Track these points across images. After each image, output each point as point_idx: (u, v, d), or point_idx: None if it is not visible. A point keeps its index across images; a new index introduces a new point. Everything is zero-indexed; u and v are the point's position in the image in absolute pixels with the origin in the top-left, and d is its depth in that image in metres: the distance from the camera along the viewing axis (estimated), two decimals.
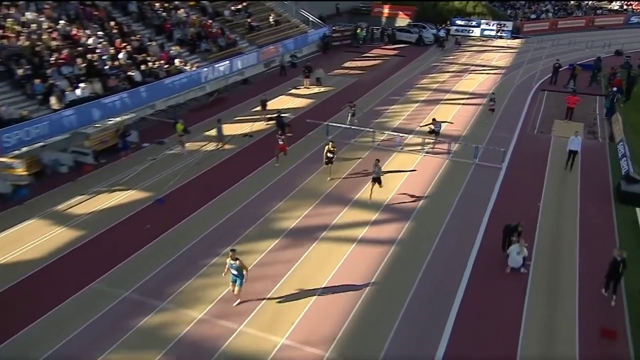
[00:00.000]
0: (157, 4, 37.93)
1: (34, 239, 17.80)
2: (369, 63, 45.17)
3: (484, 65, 45.04)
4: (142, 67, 30.21)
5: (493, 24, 57.80)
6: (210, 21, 39.49)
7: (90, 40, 29.70)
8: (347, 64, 44.04)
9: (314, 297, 14.27)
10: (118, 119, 25.71)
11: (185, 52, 35.01)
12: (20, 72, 25.08)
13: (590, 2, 70.69)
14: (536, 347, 12.90)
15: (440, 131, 25.50)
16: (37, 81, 24.97)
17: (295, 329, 13.00)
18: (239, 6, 44.36)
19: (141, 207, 20.02)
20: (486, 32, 57.61)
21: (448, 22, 57.37)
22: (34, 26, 28.84)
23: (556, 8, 67.59)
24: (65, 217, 19.39)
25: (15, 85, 25.09)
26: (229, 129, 26.98)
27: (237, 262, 13.27)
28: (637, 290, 14.56)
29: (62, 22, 30.30)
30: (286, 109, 30.35)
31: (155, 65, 30.94)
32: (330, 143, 21.60)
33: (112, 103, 26.76)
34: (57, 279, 15.85)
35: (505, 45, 54.37)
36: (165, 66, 31.57)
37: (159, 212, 19.62)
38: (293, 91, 35.62)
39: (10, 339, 12.66)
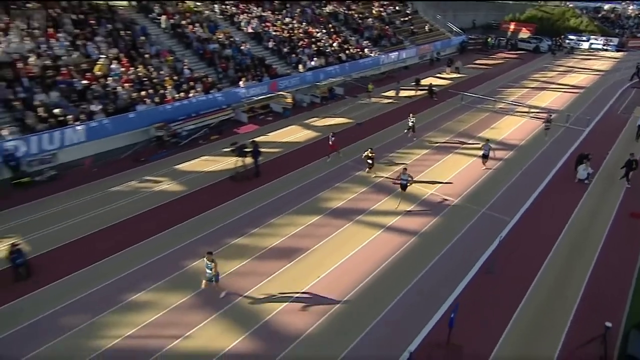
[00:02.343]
0: (355, 15, 43.51)
1: (293, 134, 24.64)
2: (494, 62, 46.44)
3: (586, 69, 44.73)
4: (346, 52, 35.80)
5: (600, 39, 55.57)
6: (387, 27, 43.66)
7: (318, 35, 36.44)
8: (477, 61, 45.79)
9: (328, 271, 13.38)
10: (332, 79, 32.34)
11: (371, 45, 39.12)
12: (285, 50, 32.93)
13: None
14: (585, 220, 16.71)
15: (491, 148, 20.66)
16: (293, 55, 32.62)
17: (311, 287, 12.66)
18: (406, 18, 47.87)
19: (347, 127, 25.82)
20: (594, 45, 55.50)
21: (562, 36, 56.01)
22: (290, 25, 36.49)
23: None
24: (308, 125, 26.05)
25: (281, 57, 32.53)
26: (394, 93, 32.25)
27: (213, 263, 11.50)
28: None
29: (304, 23, 37.29)
30: (434, 84, 33.41)
31: (353, 51, 36.61)
32: (370, 149, 19.06)
33: (330, 71, 32.77)
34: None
35: (609, 56, 52.08)
36: (359, 52, 37.05)
37: (357, 132, 25.07)
38: (438, 75, 38.75)
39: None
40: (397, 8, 49.14)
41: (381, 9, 46.87)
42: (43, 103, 20.09)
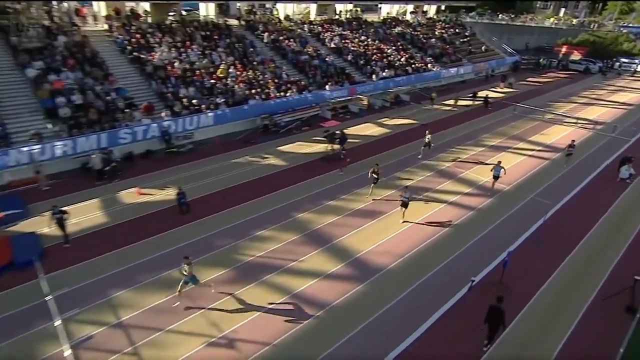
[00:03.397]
0: (420, 35, 44.96)
1: (368, 130, 26.80)
2: (545, 80, 45.62)
3: (636, 89, 42.98)
4: (412, 66, 37.31)
5: None
6: (447, 46, 44.49)
7: (389, 51, 38.29)
8: (529, 79, 45.01)
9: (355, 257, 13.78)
10: (400, 88, 34.16)
11: (433, 61, 40.11)
12: (361, 62, 35.08)
13: None
14: (623, 210, 17.60)
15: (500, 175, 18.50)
16: (367, 67, 34.62)
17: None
18: (465, 39, 48.31)
19: (412, 127, 27.59)
20: None
21: (614, 59, 53.40)
22: (365, 42, 38.57)
23: None
24: (380, 123, 28.07)
25: (358, 68, 34.60)
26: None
27: (189, 267, 11.14)
28: None
29: (377, 41, 39.28)
30: (489, 98, 33.57)
31: (418, 66, 38.02)
32: (376, 165, 17.40)
33: (398, 81, 34.29)
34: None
35: None
36: (423, 67, 38.38)
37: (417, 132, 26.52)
38: (492, 89, 38.67)
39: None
40: (457, 30, 49.91)
41: (443, 31, 47.93)
42: (185, 95, 23.90)
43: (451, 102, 33.63)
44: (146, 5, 30.38)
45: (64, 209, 14.11)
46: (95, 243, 14.11)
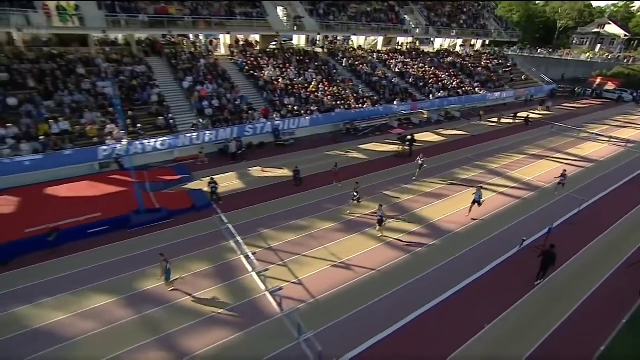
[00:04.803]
0: (469, 65, 45.52)
1: (428, 137, 28.69)
2: (579, 106, 44.55)
3: None
4: (462, 89, 38.33)
5: None
6: (492, 74, 44.80)
7: (442, 76, 39.87)
8: (564, 104, 44.28)
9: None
10: (452, 106, 35.67)
11: (480, 85, 40.59)
12: (420, 84, 36.70)
13: None
14: None
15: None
16: (425, 88, 36.51)
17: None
18: (507, 69, 48.35)
19: (464, 137, 29.51)
20: None
21: None
22: (423, 68, 40.44)
23: None
24: (437, 132, 29.56)
25: (418, 88, 36.13)
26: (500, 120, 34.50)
27: (166, 264, 11.36)
28: None
29: (432, 67, 40.89)
30: (529, 118, 34.34)
31: (467, 89, 38.98)
32: (355, 184, 17.01)
33: (451, 100, 35.72)
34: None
35: None
36: (471, 90, 39.37)
37: (467, 141, 28.72)
38: (531, 111, 38.30)
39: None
40: (500, 62, 50.42)
41: (488, 61, 48.65)
42: (288, 103, 27.37)
43: (495, 119, 34.59)
44: (256, 37, 34.49)
45: (216, 180, 17.44)
46: (238, 201, 17.38)
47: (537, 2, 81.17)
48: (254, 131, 24.28)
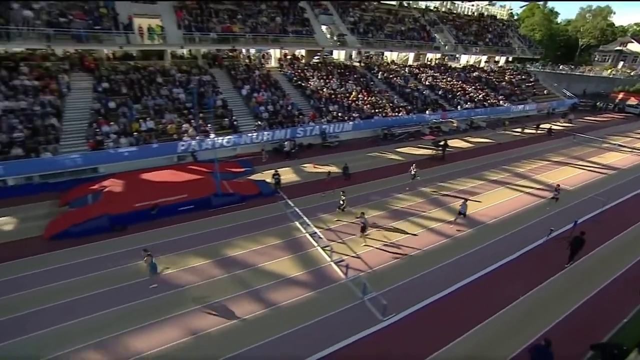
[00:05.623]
0: (493, 79, 45.92)
1: (457, 143, 29.43)
2: (601, 119, 43.62)
3: None
4: (487, 102, 38.63)
5: None
6: (515, 88, 44.93)
7: (469, 89, 40.16)
8: (586, 117, 43.71)
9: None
10: (479, 116, 36.28)
11: (504, 98, 40.86)
12: (449, 96, 37.84)
13: None
14: None
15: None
16: (454, 100, 37.22)
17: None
18: (529, 84, 48.20)
19: (490, 145, 30.08)
20: None
21: None
22: (451, 81, 41.38)
23: None
24: (465, 139, 30.21)
25: (447, 100, 37.50)
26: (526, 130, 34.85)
27: (150, 258, 11.43)
28: None
29: (460, 81, 41.44)
30: (552, 129, 34.40)
31: (493, 101, 39.27)
32: (342, 192, 16.60)
33: (477, 111, 36.16)
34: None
35: None
36: (496, 102, 39.91)
37: (494, 148, 29.61)
38: (553, 123, 37.82)
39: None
40: (523, 77, 50.25)
41: (511, 77, 48.65)
42: (333, 110, 28.98)
43: (519, 130, 34.84)
44: (302, 52, 36.48)
45: (279, 173, 19.16)
46: (296, 191, 18.96)
47: (559, 22, 79.76)
48: (304, 133, 26.02)
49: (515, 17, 71.83)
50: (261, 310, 11.04)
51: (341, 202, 16.16)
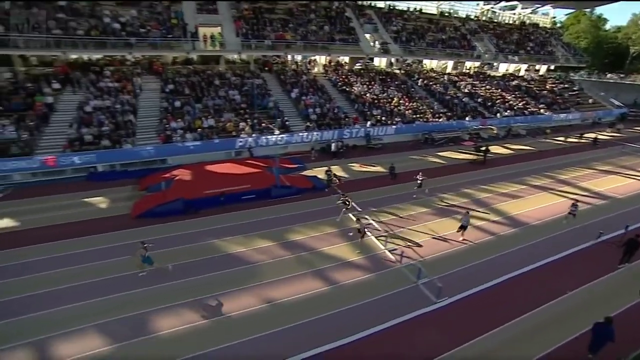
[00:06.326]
0: (534, 88, 45.46)
1: (497, 150, 29.57)
2: None
3: None
4: (527, 110, 38.44)
5: None
6: (557, 97, 43.89)
7: (508, 97, 40.38)
8: (636, 128, 41.32)
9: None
10: (519, 124, 35.95)
11: (545, 107, 40.26)
12: (488, 103, 38.10)
13: None
14: None
15: None
16: (493, 107, 37.51)
17: None
18: (573, 93, 47.08)
19: (531, 152, 29.93)
20: None
21: None
22: (490, 89, 41.69)
23: None
24: (505, 146, 30.15)
25: (486, 107, 37.60)
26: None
27: (144, 251, 11.85)
28: None
29: (499, 89, 41.54)
30: (597, 138, 33.28)
31: (533, 110, 38.99)
32: (343, 195, 17.13)
33: (517, 119, 36.15)
34: None
35: None
36: (537, 111, 39.45)
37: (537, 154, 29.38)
38: (599, 133, 36.44)
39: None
40: (565, 86, 48.95)
41: (553, 85, 47.58)
42: (376, 114, 30.09)
43: (562, 138, 34.25)
44: (345, 59, 37.92)
45: (332, 170, 20.52)
46: (346, 187, 20.00)
47: (607, 29, 76.39)
48: (350, 135, 27.30)
49: (559, 25, 69.63)
50: (325, 287, 12.30)
51: (346, 203, 16.53)
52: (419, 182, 19.24)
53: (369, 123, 28.59)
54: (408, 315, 11.19)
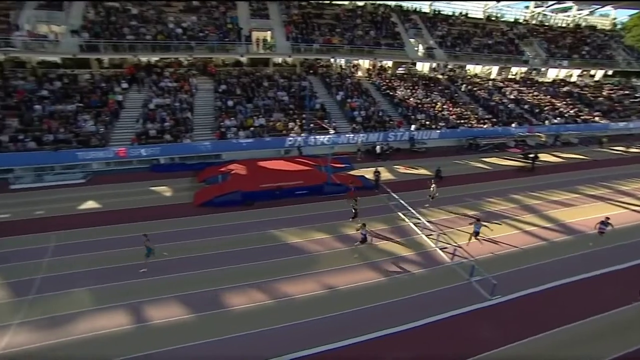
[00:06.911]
0: (588, 94, 43.76)
1: (546, 157, 28.80)
2: None
3: None
4: (580, 117, 36.82)
5: None
6: (615, 104, 41.22)
7: (558, 104, 39.39)
8: None
9: None
10: (570, 132, 35.07)
11: (601, 115, 38.14)
12: (536, 110, 37.53)
13: None
14: None
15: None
16: (541, 114, 36.93)
17: None
18: (635, 100, 43.88)
19: (583, 161, 28.92)
20: None
21: None
22: (538, 96, 40.75)
23: None
24: (553, 154, 29.44)
25: (533, 114, 36.36)
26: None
27: (147, 242, 12.54)
28: None
29: (548, 96, 40.87)
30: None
31: (586, 117, 37.41)
32: (354, 200, 16.96)
33: (567, 127, 34.85)
34: None
35: None
36: (591, 119, 37.75)
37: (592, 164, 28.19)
38: None
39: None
40: (626, 92, 46.49)
41: (611, 92, 45.43)
42: (420, 118, 30.52)
43: (622, 148, 32.71)
44: (389, 63, 38.60)
45: (380, 169, 21.31)
46: (392, 188, 20.75)
47: None
48: (394, 137, 27.99)
49: (620, 27, 65.66)
50: (380, 278, 13.16)
51: (353, 211, 16.58)
52: (431, 190, 18.23)
53: (413, 127, 29.02)
54: (463, 308, 11.77)
